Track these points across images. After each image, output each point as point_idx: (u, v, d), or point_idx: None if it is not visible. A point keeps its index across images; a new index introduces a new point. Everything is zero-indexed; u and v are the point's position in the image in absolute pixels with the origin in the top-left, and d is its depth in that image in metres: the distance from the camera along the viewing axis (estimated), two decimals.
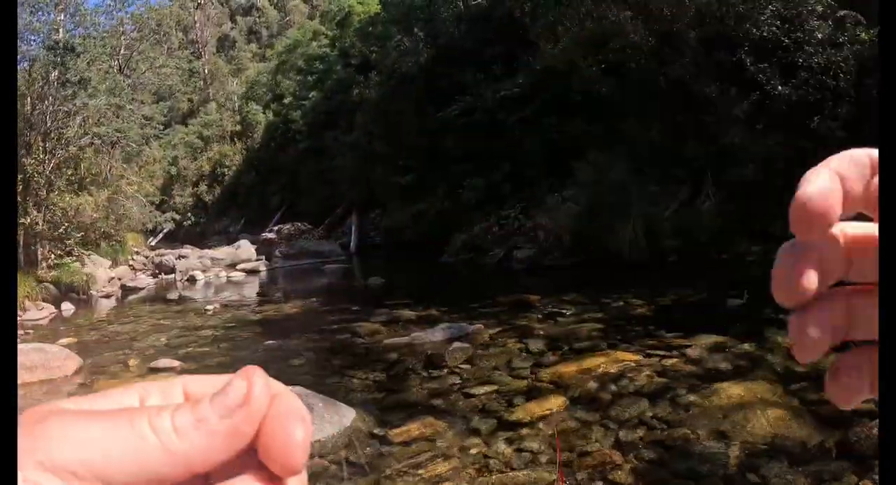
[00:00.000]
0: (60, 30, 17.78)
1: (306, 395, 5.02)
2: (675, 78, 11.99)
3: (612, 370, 5.27)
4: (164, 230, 28.55)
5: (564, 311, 8.03)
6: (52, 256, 15.20)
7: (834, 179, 0.29)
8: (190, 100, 52.70)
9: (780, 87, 10.33)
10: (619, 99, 13.73)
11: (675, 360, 5.41)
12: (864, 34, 9.81)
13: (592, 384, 5.03)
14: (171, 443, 0.31)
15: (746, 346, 5.66)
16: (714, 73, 11.57)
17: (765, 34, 10.61)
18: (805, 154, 10.92)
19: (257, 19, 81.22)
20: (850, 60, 9.88)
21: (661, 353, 5.63)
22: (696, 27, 11.79)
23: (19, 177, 13.94)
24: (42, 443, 0.31)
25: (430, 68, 24.09)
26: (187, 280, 17.12)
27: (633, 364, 5.38)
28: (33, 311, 13.00)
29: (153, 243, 27.17)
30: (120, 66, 24.83)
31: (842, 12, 10.21)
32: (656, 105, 13.18)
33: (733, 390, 4.56)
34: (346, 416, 4.82)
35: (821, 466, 3.44)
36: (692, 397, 4.53)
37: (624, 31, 12.87)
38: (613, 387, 4.92)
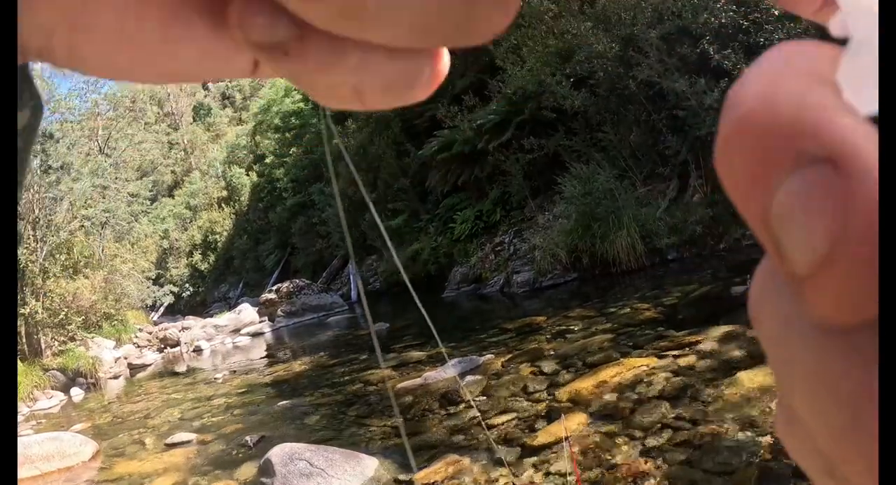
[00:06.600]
0: None
1: (325, 451, 4.92)
2: (644, 79, 12.06)
3: (629, 378, 5.18)
4: (165, 304, 28.49)
5: (572, 327, 7.93)
6: (56, 343, 15.13)
7: None
8: (173, 171, 53.01)
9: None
10: (593, 108, 13.80)
11: (689, 357, 5.32)
12: None
13: (611, 396, 4.93)
14: None
15: None
16: (680, 67, 11.64)
17: (723, 20, 10.69)
18: None
19: (229, 83, 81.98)
20: (810, 30, 9.94)
21: (675, 352, 5.54)
22: (655, 26, 11.89)
23: None
24: None
25: (404, 108, 24.20)
26: (193, 351, 17.00)
27: (648, 369, 5.29)
28: (43, 400, 12.87)
29: (155, 318, 27.10)
30: (100, 147, 25.03)
31: None
32: (630, 108, 13.25)
33: (753, 377, 4.46)
34: (368, 466, 4.72)
35: None
36: (713, 391, 4.44)
37: (587, 42, 12.98)
38: (632, 395, 4.82)
